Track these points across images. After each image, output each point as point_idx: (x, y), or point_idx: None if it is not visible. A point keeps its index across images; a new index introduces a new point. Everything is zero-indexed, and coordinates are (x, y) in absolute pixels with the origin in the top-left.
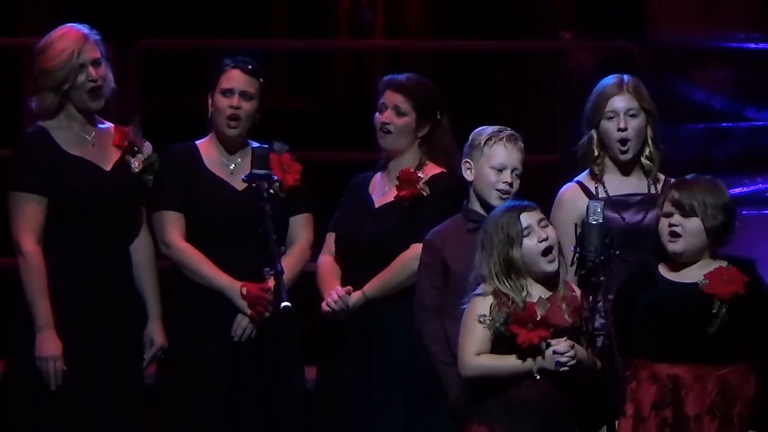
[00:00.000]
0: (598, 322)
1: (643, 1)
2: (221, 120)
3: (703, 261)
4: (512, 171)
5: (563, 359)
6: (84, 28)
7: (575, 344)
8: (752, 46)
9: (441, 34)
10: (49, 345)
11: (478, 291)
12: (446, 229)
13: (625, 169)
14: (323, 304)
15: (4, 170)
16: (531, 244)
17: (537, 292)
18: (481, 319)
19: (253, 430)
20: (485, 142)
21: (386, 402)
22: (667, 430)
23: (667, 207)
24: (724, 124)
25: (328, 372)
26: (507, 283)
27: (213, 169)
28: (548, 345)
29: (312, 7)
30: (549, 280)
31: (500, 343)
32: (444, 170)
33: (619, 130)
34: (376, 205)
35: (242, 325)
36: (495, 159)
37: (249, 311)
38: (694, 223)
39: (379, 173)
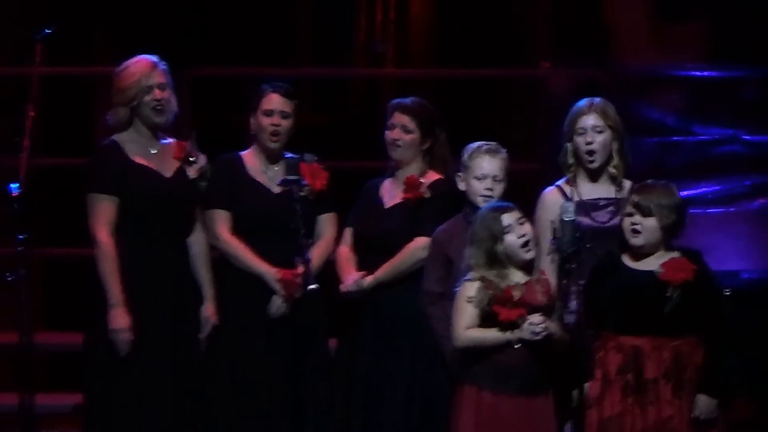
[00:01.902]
0: (572, 301)
1: (608, 36)
2: (264, 136)
3: (659, 252)
4: (493, 178)
5: (537, 329)
6: (154, 58)
7: (547, 319)
8: (698, 73)
9: (441, 63)
10: (120, 320)
11: (467, 277)
12: (449, 228)
13: (595, 176)
14: (342, 287)
15: (83, 176)
16: (512, 239)
17: (516, 277)
18: (470, 300)
19: (286, 391)
20: (469, 157)
21: (393, 368)
22: (630, 392)
23: (629, 208)
24: (676, 138)
25: (345, 343)
26: (490, 271)
27: (254, 176)
28: (525, 320)
29: (333, 40)
30: (527, 267)
31: (486, 321)
32: (442, 177)
33: (587, 143)
34: (386, 206)
35: (277, 304)
36: (477, 170)
37: (283, 293)
38: (651, 222)
39: (388, 179)
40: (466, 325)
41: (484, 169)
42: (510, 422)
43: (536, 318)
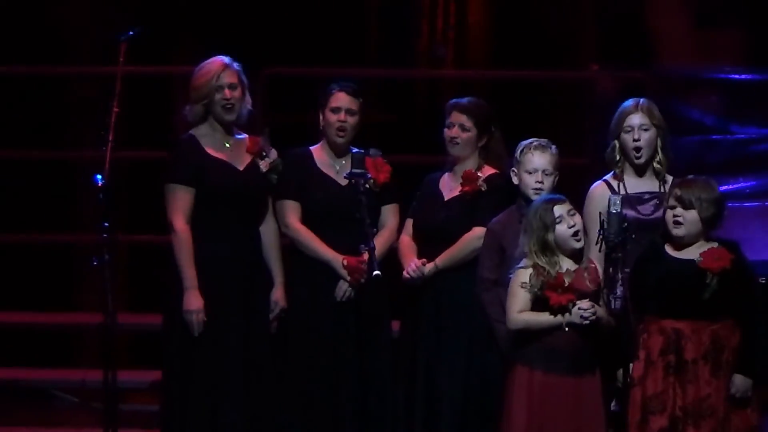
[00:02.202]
0: (618, 288)
1: (651, 41)
2: (331, 131)
3: (699, 243)
4: (542, 172)
5: (586, 314)
6: (227, 59)
7: (595, 304)
8: (735, 76)
9: (497, 65)
10: (194, 301)
11: (521, 264)
12: (503, 219)
13: (640, 171)
14: (404, 273)
15: (163, 167)
16: (563, 229)
17: (566, 264)
18: (523, 285)
19: (351, 368)
20: (521, 153)
21: (451, 349)
22: (671, 371)
23: (672, 201)
24: (715, 137)
25: (407, 325)
26: (542, 258)
27: (323, 169)
28: (574, 305)
29: (398, 44)
30: (576, 255)
31: (537, 305)
32: (497, 171)
33: (634, 140)
34: (445, 198)
35: (343, 288)
36: (528, 165)
37: (348, 278)
38: (692, 214)
39: (447, 173)
40: (520, 308)
41: (535, 163)
42: (559, 400)
43: (585, 304)
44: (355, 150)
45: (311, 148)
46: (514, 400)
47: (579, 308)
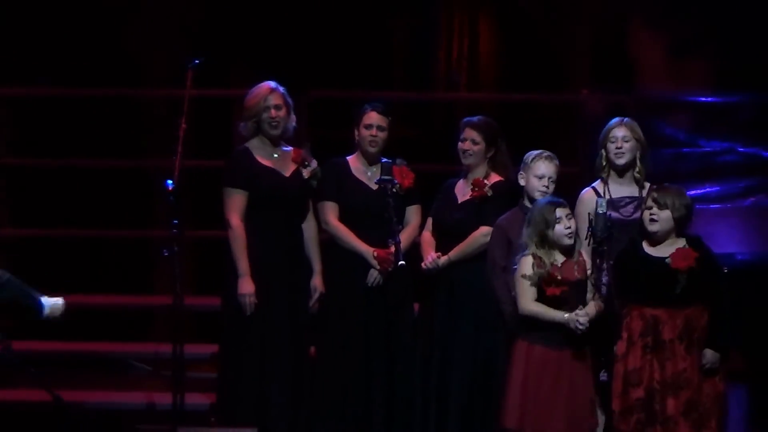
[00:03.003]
0: (603, 276)
1: (634, 69)
2: (365, 144)
3: (670, 239)
4: (548, 179)
5: (581, 327)
6: (273, 84)
7: (588, 313)
8: (704, 99)
9: (503, 89)
10: (246, 286)
11: (523, 252)
12: (510, 216)
13: (622, 179)
14: (423, 264)
15: (221, 174)
16: (560, 228)
17: (559, 257)
18: (525, 277)
19: (380, 342)
20: (531, 160)
21: (463, 328)
22: (648, 351)
23: (649, 203)
24: (685, 150)
25: (426, 307)
26: (540, 250)
27: (357, 175)
28: (568, 300)
29: (420, 70)
30: (568, 250)
31: (539, 293)
32: (502, 179)
33: (617, 148)
34: (459, 201)
35: (373, 275)
36: (537, 171)
37: (378, 267)
38: (666, 214)
39: (461, 180)
40: (531, 298)
41: (543, 170)
42: (555, 371)
43: (583, 317)
44: (384, 159)
45: (347, 157)
46: (515, 370)
47: (577, 318)
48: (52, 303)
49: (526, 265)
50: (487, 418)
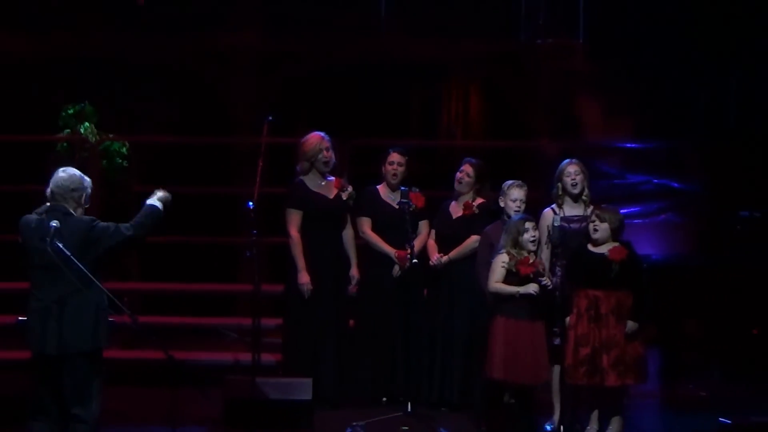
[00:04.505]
0: (557, 271)
1: (579, 124)
2: (388, 176)
3: (608, 243)
4: (520, 201)
5: (532, 292)
6: (323, 133)
7: (534, 286)
8: (629, 145)
9: (487, 137)
10: (303, 278)
11: (500, 251)
12: (493, 228)
13: (574, 202)
14: (430, 262)
15: (284, 198)
16: (528, 236)
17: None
18: (503, 265)
19: (400, 316)
20: (507, 188)
21: (459, 309)
22: (591, 321)
23: (593, 218)
24: (616, 181)
25: (432, 293)
26: (513, 250)
27: (384, 199)
28: (536, 279)
29: (430, 125)
30: (531, 253)
31: (509, 278)
32: (485, 200)
33: (572, 180)
34: (453, 217)
35: (396, 269)
36: (512, 195)
37: (398, 264)
38: (605, 225)
39: (454, 201)
40: (496, 279)
41: (516, 195)
42: (523, 338)
43: (532, 288)
44: (403, 188)
45: (377, 186)
46: (494, 339)
47: (527, 289)
48: (158, 198)
49: (504, 257)
50: (478, 372)
